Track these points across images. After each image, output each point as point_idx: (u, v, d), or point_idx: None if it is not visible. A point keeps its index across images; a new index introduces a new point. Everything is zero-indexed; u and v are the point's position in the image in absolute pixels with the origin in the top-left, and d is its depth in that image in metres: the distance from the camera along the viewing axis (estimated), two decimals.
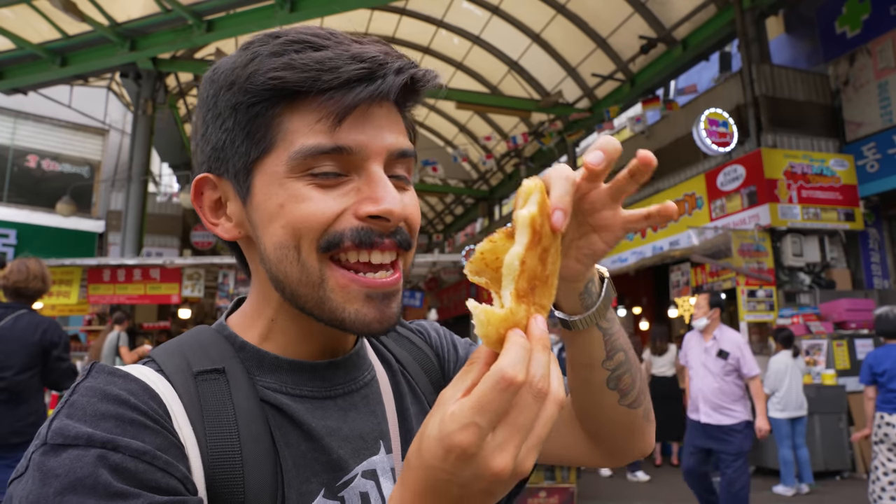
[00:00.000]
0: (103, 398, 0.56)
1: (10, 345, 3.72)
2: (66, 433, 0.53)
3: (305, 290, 0.65)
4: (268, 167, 0.65)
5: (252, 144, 0.65)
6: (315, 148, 0.62)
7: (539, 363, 0.49)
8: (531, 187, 0.55)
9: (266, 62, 0.63)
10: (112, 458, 0.52)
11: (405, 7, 13.21)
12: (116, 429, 0.54)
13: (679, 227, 10.44)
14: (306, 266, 0.64)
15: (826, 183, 9.41)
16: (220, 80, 0.66)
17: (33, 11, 10.05)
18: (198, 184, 0.71)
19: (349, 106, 0.62)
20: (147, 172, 12.54)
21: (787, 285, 8.98)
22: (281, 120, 0.64)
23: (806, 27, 10.72)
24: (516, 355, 0.48)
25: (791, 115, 9.69)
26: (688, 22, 11.31)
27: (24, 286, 3.84)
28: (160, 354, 0.67)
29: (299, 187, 0.63)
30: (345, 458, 0.68)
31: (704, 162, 10.38)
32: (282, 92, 0.63)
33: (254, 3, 10.07)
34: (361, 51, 0.63)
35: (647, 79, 12.55)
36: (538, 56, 13.80)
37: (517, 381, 0.46)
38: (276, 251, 0.65)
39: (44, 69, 11.49)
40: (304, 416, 0.68)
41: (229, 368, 0.67)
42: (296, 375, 0.70)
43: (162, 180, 18.01)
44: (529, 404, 0.48)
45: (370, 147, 0.64)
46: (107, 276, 10.07)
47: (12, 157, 15.98)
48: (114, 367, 0.62)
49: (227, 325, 0.74)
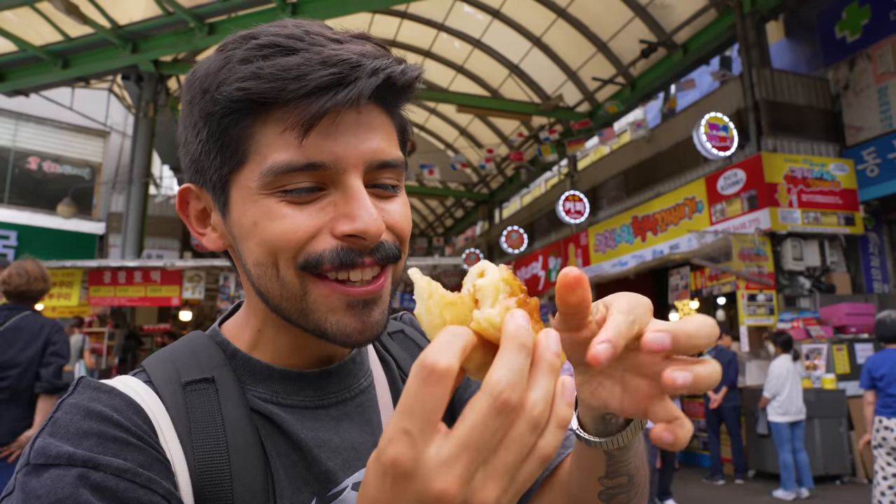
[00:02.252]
0: (86, 415, 0.55)
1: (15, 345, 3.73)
2: (47, 452, 0.52)
3: (288, 303, 0.64)
4: (241, 181, 0.62)
5: (225, 158, 0.62)
6: (287, 165, 0.59)
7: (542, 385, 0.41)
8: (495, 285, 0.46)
9: (235, 70, 0.59)
10: (93, 477, 0.51)
11: (406, 11, 13.25)
12: (98, 447, 0.53)
13: (679, 230, 10.45)
14: (286, 282, 0.62)
15: (826, 187, 9.42)
16: (196, 86, 0.63)
17: (35, 14, 10.09)
18: (182, 194, 0.69)
19: (316, 115, 0.57)
20: (148, 175, 12.56)
21: (787, 289, 8.99)
22: (252, 132, 0.61)
23: (806, 32, 10.74)
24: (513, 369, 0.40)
25: (791, 120, 9.71)
26: (688, 26, 11.34)
27: (26, 289, 3.86)
28: (151, 364, 0.66)
29: (271, 204, 0.61)
30: (333, 471, 0.66)
31: (705, 166, 10.40)
32: (251, 103, 0.59)
33: (255, 7, 10.10)
34: (335, 53, 0.58)
35: (647, 83, 12.58)
36: (539, 60, 13.83)
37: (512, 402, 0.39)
38: (256, 267, 0.64)
39: (46, 71, 11.53)
40: (294, 427, 0.66)
41: (219, 377, 0.65)
42: (287, 384, 0.69)
43: (163, 182, 18.04)
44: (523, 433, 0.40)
45: (346, 159, 0.60)
46: (107, 278, 10.09)
47: (14, 159, 16.00)
48: (100, 381, 0.61)
49: (221, 331, 0.73)
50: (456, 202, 22.75)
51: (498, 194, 19.85)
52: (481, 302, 0.46)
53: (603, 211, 13.32)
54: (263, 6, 10.00)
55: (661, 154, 11.61)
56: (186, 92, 0.65)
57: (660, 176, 11.60)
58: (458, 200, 22.27)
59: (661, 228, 10.98)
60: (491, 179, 19.52)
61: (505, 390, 0.39)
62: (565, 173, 15.17)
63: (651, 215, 11.23)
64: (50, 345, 3.82)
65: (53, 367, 3.79)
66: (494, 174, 18.74)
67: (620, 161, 13.04)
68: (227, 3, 9.98)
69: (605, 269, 12.18)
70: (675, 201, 10.72)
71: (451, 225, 25.03)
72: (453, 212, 24.23)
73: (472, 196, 20.61)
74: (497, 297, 0.45)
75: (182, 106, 0.68)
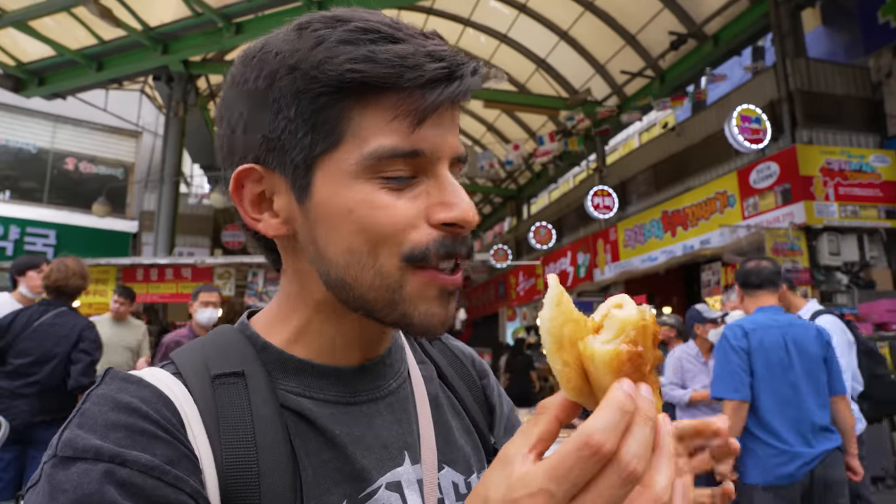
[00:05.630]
0: (114, 407, 0.55)
1: (49, 340, 3.84)
2: (75, 445, 0.52)
3: (376, 293, 0.62)
4: (333, 164, 0.61)
5: (318, 138, 0.60)
6: (392, 150, 0.59)
7: (638, 439, 0.41)
8: (626, 321, 0.45)
9: (339, 50, 0.58)
10: (120, 473, 0.50)
11: (432, 7, 13.22)
12: (126, 440, 0.52)
13: (710, 225, 10.25)
14: (383, 272, 0.61)
15: (865, 180, 9.13)
16: (274, 62, 0.60)
17: (72, 19, 10.35)
18: (239, 175, 0.64)
19: (430, 107, 0.59)
20: (179, 173, 12.78)
21: (823, 285, 8.74)
22: (352, 115, 0.60)
23: (844, 18, 10.41)
24: (612, 419, 0.40)
25: (828, 110, 9.43)
26: (719, 16, 11.08)
27: (64, 284, 3.96)
28: (179, 356, 0.65)
29: (371, 191, 0.60)
30: (369, 469, 0.64)
31: (736, 159, 10.16)
32: (360, 86, 0.58)
33: (282, 6, 10.19)
34: (438, 48, 0.60)
35: (677, 75, 12.34)
36: (566, 54, 13.69)
37: (605, 449, 0.40)
38: (346, 255, 0.61)
39: (81, 74, 11.84)
40: (328, 423, 0.64)
41: (249, 371, 0.64)
42: (320, 379, 0.67)
43: (193, 181, 18.35)
44: (613, 486, 0.40)
45: (441, 149, 0.62)
46: (140, 276, 10.29)
47: (52, 160, 16.45)
48: (128, 372, 0.60)
49: (250, 324, 0.71)
50: (484, 198, 22.72)
51: (526, 190, 19.73)
52: (604, 330, 0.45)
53: (632, 206, 13.13)
54: (290, 4, 10.08)
55: (692, 147, 11.40)
56: (252, 69, 0.62)
57: (690, 170, 11.38)
58: (485, 196, 22.23)
59: (691, 223, 10.78)
60: (519, 175, 19.41)
61: (631, 461, 0.40)
62: (594, 168, 15.00)
63: (681, 210, 11.03)
64: (80, 342, 3.92)
65: (82, 364, 3.89)
66: (522, 169, 18.63)
67: (650, 155, 12.84)
68: (253, 3, 10.09)
69: (634, 264, 12.01)
70: (705, 195, 10.51)
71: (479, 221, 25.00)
72: (481, 208, 24.19)
73: (500, 192, 20.53)
74: (619, 335, 0.44)
75: (237, 82, 0.64)
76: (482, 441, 0.80)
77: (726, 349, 3.10)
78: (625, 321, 0.45)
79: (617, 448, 0.40)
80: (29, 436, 3.76)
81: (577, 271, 14.20)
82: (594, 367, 0.44)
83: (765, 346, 3.07)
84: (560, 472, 0.40)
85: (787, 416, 3.00)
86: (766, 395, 3.02)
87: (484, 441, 0.80)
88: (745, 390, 3.01)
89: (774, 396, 3.02)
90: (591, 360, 0.44)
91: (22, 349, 3.79)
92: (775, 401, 3.01)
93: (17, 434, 3.70)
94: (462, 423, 0.79)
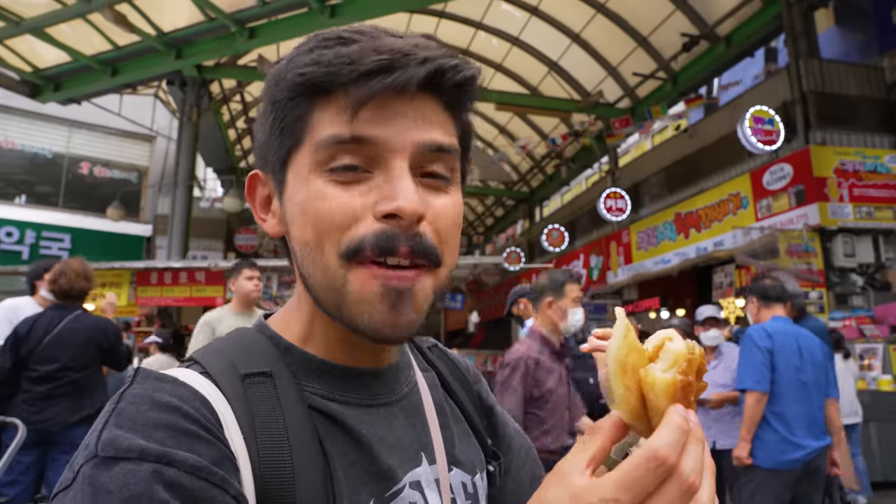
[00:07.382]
0: (153, 406, 0.53)
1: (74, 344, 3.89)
2: (117, 445, 0.50)
3: (326, 293, 0.63)
4: (297, 163, 0.64)
5: (286, 139, 0.65)
6: (333, 137, 0.61)
7: (693, 455, 0.45)
8: (679, 353, 0.50)
9: (298, 60, 0.63)
10: (167, 473, 0.49)
11: (444, 10, 13.24)
12: (170, 440, 0.51)
13: (724, 227, 10.19)
14: (328, 268, 0.61)
15: (880, 180, 9.04)
16: (270, 79, 0.67)
17: (87, 25, 10.46)
18: (250, 180, 0.72)
19: (364, 96, 0.59)
20: (192, 177, 12.88)
21: (838, 287, 8.66)
22: (310, 116, 0.63)
23: (858, 18, 10.33)
24: (674, 437, 0.44)
25: (842, 111, 9.35)
26: (732, 18, 11.01)
27: (68, 287, 4.00)
28: (204, 356, 0.64)
29: (322, 185, 0.61)
30: (394, 468, 0.65)
31: (749, 161, 10.09)
32: (311, 88, 0.62)
33: (294, 10, 10.25)
34: (390, 44, 0.61)
35: (689, 77, 12.28)
36: (578, 56, 13.66)
37: (669, 462, 0.43)
38: (302, 250, 0.64)
39: (96, 79, 11.96)
40: (355, 423, 0.65)
41: (276, 372, 0.64)
42: (343, 381, 0.68)
43: (206, 185, 18.48)
44: (673, 497, 0.44)
45: (393, 141, 0.61)
46: (154, 279, 10.37)
47: (67, 165, 16.63)
48: (160, 371, 0.59)
49: (269, 325, 0.71)
50: (496, 201, 22.68)
51: (538, 192, 19.68)
52: (660, 360, 0.50)
53: (645, 208, 13.08)
54: (302, 9, 10.14)
55: (704, 149, 11.34)
56: (264, 88, 0.69)
57: (703, 172, 11.32)
58: (498, 199, 22.19)
59: (704, 225, 10.72)
60: (531, 178, 19.38)
61: (690, 475, 0.44)
62: (606, 170, 14.96)
63: (694, 212, 10.98)
64: (108, 338, 4.07)
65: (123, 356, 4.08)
66: (535, 172, 18.60)
67: (662, 157, 12.78)
68: (266, 7, 10.15)
69: (647, 266, 11.96)
70: (718, 197, 10.45)
71: (491, 224, 24.96)
72: (493, 210, 24.17)
73: (513, 194, 20.48)
74: (674, 366, 0.49)
75: (260, 99, 0.72)
76: (481, 443, 0.82)
77: (751, 347, 3.49)
78: (678, 353, 0.49)
79: (676, 463, 0.44)
80: (53, 438, 3.78)
81: (589, 274, 14.15)
82: (654, 394, 0.48)
83: (784, 348, 3.47)
84: (628, 483, 0.43)
85: (799, 411, 3.40)
86: (784, 390, 3.42)
87: (482, 443, 0.82)
88: (766, 383, 3.41)
89: (790, 393, 3.40)
90: (652, 386, 0.48)
91: (47, 356, 3.80)
92: (790, 397, 3.42)
93: (47, 436, 3.73)
94: (463, 427, 0.81)
